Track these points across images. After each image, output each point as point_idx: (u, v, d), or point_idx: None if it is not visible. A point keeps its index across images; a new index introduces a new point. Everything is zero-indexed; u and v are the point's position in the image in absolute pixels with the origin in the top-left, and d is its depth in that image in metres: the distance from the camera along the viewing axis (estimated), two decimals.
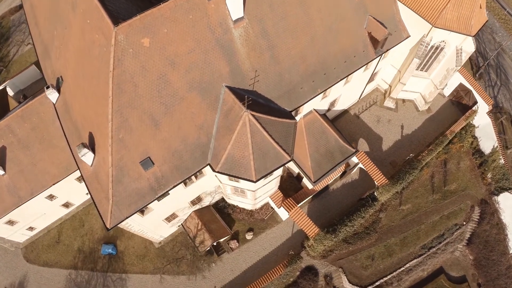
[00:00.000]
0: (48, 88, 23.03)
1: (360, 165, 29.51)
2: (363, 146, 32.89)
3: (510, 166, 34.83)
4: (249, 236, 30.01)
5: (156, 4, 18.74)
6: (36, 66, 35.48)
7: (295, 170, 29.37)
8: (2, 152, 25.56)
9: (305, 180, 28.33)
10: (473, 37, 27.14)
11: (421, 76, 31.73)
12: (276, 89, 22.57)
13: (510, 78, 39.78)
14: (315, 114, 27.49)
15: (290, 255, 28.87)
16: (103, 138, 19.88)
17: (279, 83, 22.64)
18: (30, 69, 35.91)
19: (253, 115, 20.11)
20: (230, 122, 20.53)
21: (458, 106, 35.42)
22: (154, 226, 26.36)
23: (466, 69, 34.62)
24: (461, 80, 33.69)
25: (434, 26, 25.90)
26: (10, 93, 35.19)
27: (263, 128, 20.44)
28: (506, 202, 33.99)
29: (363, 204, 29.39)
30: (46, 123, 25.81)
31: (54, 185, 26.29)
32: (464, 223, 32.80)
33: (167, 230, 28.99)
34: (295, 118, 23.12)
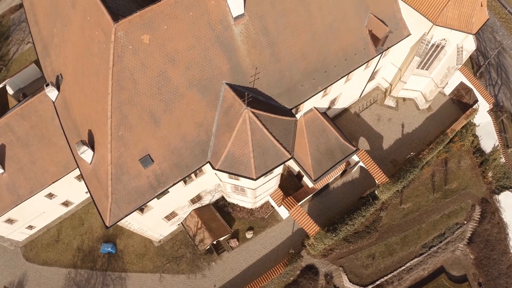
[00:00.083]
0: (47, 85, 22.95)
1: (360, 163, 29.41)
2: (364, 144, 32.80)
3: (511, 165, 34.73)
4: (249, 234, 29.91)
5: (156, 1, 18.68)
6: (36, 64, 35.44)
7: (296, 168, 29.27)
8: (1, 150, 25.49)
9: (305, 178, 28.24)
10: (474, 35, 27.08)
11: (421, 74, 31.65)
12: (276, 86, 22.48)
13: (511, 77, 39.70)
14: (316, 112, 27.40)
15: (290, 254, 28.78)
16: (103, 135, 19.78)
17: (280, 81, 22.55)
18: (30, 67, 35.87)
19: (253, 113, 20.01)
20: (230, 119, 20.43)
21: (458, 104, 35.34)
22: (153, 224, 26.25)
23: (467, 68, 34.53)
24: (462, 78, 33.61)
25: (435, 24, 25.87)
26: (10, 91, 35.14)
27: (263, 125, 20.34)
28: (507, 201, 33.88)
29: (364, 202, 29.29)
30: (45, 121, 25.75)
31: (53, 183, 26.22)
32: (465, 222, 32.71)
33: (167, 228, 28.88)
34: (296, 116, 23.00)
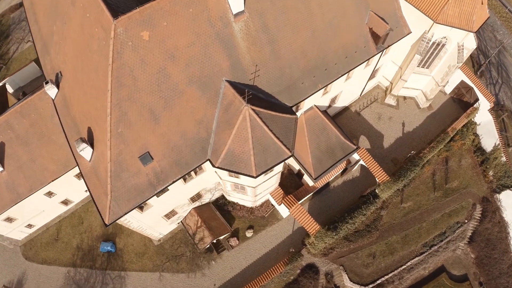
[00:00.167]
0: (47, 83, 22.88)
1: (361, 162, 29.31)
2: (364, 143, 32.70)
3: (511, 163, 34.62)
4: (249, 233, 29.79)
5: None
6: (36, 63, 35.38)
7: (296, 167, 29.17)
8: (1, 148, 25.42)
9: (305, 177, 28.13)
10: (474, 33, 26.98)
11: (422, 73, 31.56)
12: (276, 84, 22.40)
13: (511, 76, 39.61)
14: (316, 110, 27.31)
15: (290, 253, 28.65)
16: (102, 132, 19.70)
17: (280, 78, 22.47)
18: (30, 66, 35.84)
19: (253, 110, 19.93)
20: (230, 116, 20.34)
21: (459, 103, 35.23)
22: (153, 222, 26.15)
23: (468, 66, 34.42)
24: (462, 77, 33.49)
25: (436, 22, 25.77)
26: (10, 90, 35.09)
27: (264, 122, 20.25)
28: (508, 200, 33.74)
29: (364, 201, 29.17)
30: (45, 119, 25.69)
31: (53, 181, 26.15)
32: (465, 221, 32.58)
33: (167, 227, 28.78)
34: (296, 114, 22.91)
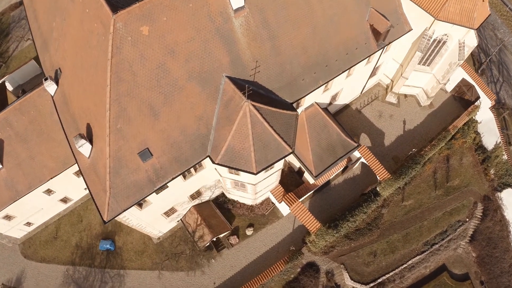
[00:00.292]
0: (46, 80, 22.75)
1: (362, 159, 29.16)
2: (365, 141, 32.55)
3: None
4: (249, 231, 29.62)
5: None
6: (35, 61, 35.26)
7: (296, 164, 29.01)
8: (0, 145, 25.26)
9: (306, 174, 27.97)
10: (475, 30, 26.86)
11: (423, 70, 31.45)
12: (277, 80, 22.27)
13: None
14: (317, 107, 27.17)
15: (291, 251, 28.47)
16: (101, 128, 19.55)
17: (280, 74, 22.34)
18: (30, 64, 35.69)
19: (253, 106, 19.79)
20: (230, 112, 20.20)
21: (460, 101, 35.10)
22: (152, 220, 25.97)
23: (469, 65, 34.30)
24: (463, 75, 33.37)
25: (437, 19, 25.70)
26: (9, 88, 34.94)
27: (264, 119, 20.10)
28: (509, 199, 33.59)
29: (365, 199, 28.99)
30: (44, 116, 25.54)
31: (51, 179, 25.98)
32: (467, 220, 32.42)
33: (166, 225, 28.60)
34: (297, 110, 22.77)
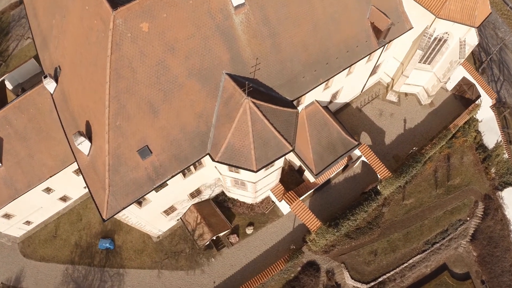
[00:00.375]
0: (45, 77, 22.66)
1: (362, 158, 29.04)
2: (366, 139, 32.45)
3: None
4: (249, 230, 29.50)
5: None
6: (35, 60, 35.16)
7: (297, 163, 28.90)
8: None
9: (306, 173, 27.87)
10: (476, 28, 26.76)
11: (424, 69, 31.35)
12: (277, 77, 22.16)
13: None
14: (317, 106, 27.05)
15: (291, 250, 28.36)
16: (100, 126, 19.46)
17: (281, 72, 22.24)
18: (29, 62, 35.59)
19: (254, 103, 19.70)
20: (230, 109, 20.10)
21: (461, 100, 34.99)
22: (152, 218, 25.86)
23: (469, 63, 34.20)
24: (464, 73, 33.27)
25: (438, 17, 25.58)
26: (9, 86, 34.86)
27: (264, 116, 20.01)
28: (510, 198, 33.45)
29: (366, 198, 28.87)
30: (43, 114, 25.44)
31: (51, 177, 25.88)
32: (467, 219, 32.29)
33: (166, 224, 28.49)
34: (297, 108, 22.68)
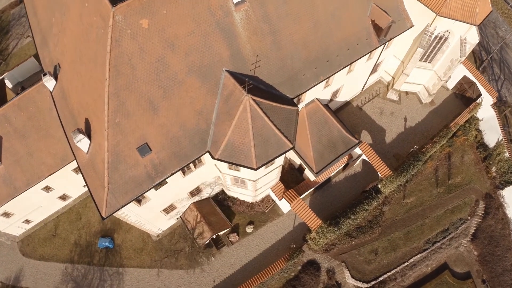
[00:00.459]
0: (45, 75, 22.55)
1: (363, 156, 28.94)
2: (366, 138, 32.36)
3: None
4: (249, 229, 29.39)
5: None
6: (35, 58, 35.09)
7: (297, 161, 28.79)
8: None
9: (307, 171, 27.76)
10: (477, 26, 26.68)
11: (424, 67, 31.26)
12: (277, 75, 22.07)
13: None
14: (318, 104, 26.96)
15: (291, 249, 28.24)
16: (99, 123, 19.36)
17: (281, 69, 22.15)
18: (29, 61, 35.54)
19: (254, 100, 19.59)
20: (230, 107, 20.00)
21: (462, 99, 34.90)
22: (151, 217, 25.74)
23: (470, 62, 34.09)
24: (465, 72, 33.17)
25: (438, 15, 25.50)
26: (9, 85, 34.81)
27: (264, 113, 19.90)
28: (511, 196, 33.30)
29: (367, 196, 28.76)
30: (43, 112, 25.34)
31: (50, 175, 25.76)
32: (468, 218, 32.18)
33: (166, 222, 28.38)
34: (297, 105, 22.57)
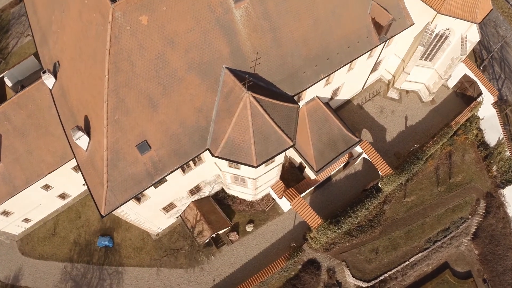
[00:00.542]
0: (44, 72, 22.48)
1: (364, 155, 28.84)
2: (367, 136, 32.27)
3: None
4: (249, 228, 29.28)
5: None
6: (35, 57, 35.04)
7: (297, 159, 28.69)
8: None
9: (307, 169, 27.65)
10: (478, 24, 26.60)
11: (425, 66, 31.18)
12: (278, 72, 21.98)
13: None
14: (318, 102, 26.87)
15: (291, 248, 28.13)
16: (99, 120, 19.27)
17: (281, 67, 22.06)
18: (29, 59, 35.47)
19: (254, 97, 19.50)
20: (230, 104, 19.91)
21: (462, 97, 34.81)
22: (151, 215, 25.64)
23: (471, 61, 34.03)
24: (465, 71, 33.10)
25: (439, 13, 25.41)
26: (9, 83, 34.73)
27: (265, 111, 19.81)
28: None
29: (367, 195, 28.65)
30: (42, 110, 25.26)
31: (49, 174, 25.65)
32: (469, 217, 32.06)
33: (165, 221, 28.27)
34: (298, 103, 22.48)
